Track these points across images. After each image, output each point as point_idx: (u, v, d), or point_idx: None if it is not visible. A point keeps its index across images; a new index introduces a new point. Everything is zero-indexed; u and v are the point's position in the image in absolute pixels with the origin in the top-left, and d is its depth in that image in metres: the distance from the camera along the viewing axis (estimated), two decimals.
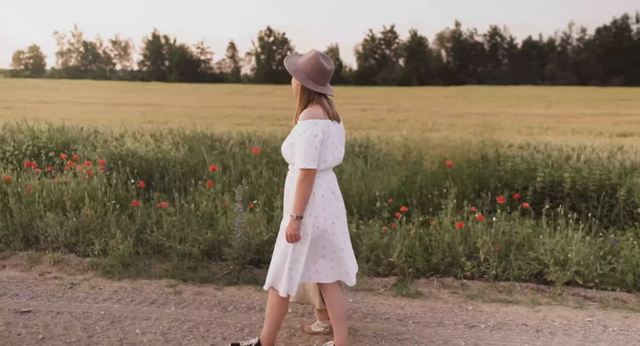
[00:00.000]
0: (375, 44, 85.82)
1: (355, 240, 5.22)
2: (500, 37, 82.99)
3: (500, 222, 4.99)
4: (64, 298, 4.43)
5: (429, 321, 4.03)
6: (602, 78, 73.97)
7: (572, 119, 20.95)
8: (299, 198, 3.15)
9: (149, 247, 5.37)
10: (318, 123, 3.11)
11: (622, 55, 79.29)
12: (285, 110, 22.51)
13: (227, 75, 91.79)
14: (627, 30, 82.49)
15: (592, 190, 5.55)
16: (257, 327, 3.94)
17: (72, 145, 7.90)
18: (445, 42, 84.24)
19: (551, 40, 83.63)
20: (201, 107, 24.49)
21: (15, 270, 5.09)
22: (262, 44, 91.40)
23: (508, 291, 4.59)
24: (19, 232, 5.56)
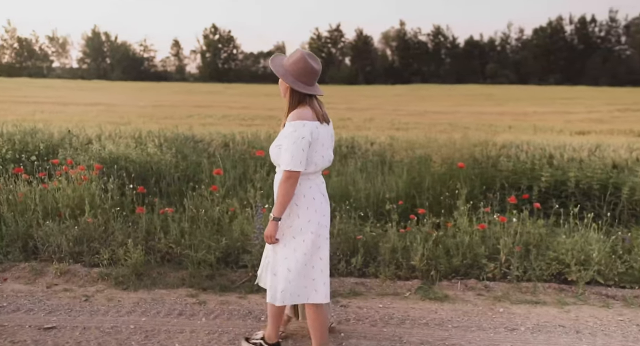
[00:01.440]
0: (321, 42, 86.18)
1: (372, 244, 5.21)
2: (443, 36, 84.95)
3: (519, 222, 5.05)
4: (85, 312, 4.20)
5: (468, 325, 4.03)
6: (540, 76, 76.72)
7: (526, 117, 21.55)
8: (281, 200, 3.11)
9: (158, 255, 5.17)
10: (306, 125, 3.05)
11: (558, 55, 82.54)
12: (245, 110, 22.28)
13: (171, 74, 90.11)
14: (562, 31, 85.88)
15: (596, 189, 5.70)
16: (299, 336, 3.85)
17: (52, 149, 7.55)
18: (390, 41, 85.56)
19: (491, 39, 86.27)
20: (156, 106, 23.88)
21: (19, 282, 4.80)
22: (208, 42, 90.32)
23: (532, 292, 4.65)
24: (17, 242, 5.25)
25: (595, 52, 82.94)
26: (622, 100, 31.57)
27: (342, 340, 3.81)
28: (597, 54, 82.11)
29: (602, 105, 27.79)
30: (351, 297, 4.57)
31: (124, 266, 4.90)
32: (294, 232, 3.22)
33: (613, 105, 27.54)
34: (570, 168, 5.96)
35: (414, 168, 6.36)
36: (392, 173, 6.77)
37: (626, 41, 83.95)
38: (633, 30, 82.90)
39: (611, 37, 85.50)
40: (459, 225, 5.24)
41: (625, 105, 27.47)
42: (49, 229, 5.26)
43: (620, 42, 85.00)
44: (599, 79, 72.65)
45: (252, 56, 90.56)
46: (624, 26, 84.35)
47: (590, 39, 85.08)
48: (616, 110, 25.09)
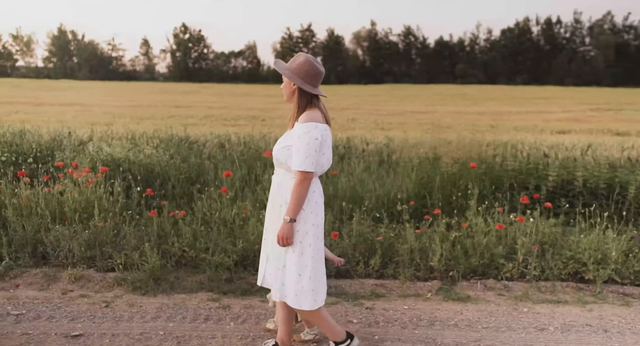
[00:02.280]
0: (293, 42, 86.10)
1: (387, 245, 5.21)
2: (414, 36, 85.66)
3: (536, 222, 5.11)
4: (108, 319, 4.11)
5: (497, 326, 4.06)
6: (508, 76, 77.90)
7: (503, 117, 21.87)
8: (296, 202, 3.13)
9: (173, 259, 5.09)
10: (318, 127, 3.11)
11: (525, 55, 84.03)
12: (225, 110, 22.11)
13: (141, 73, 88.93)
14: (529, 31, 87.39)
15: (603, 188, 5.80)
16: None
17: (47, 150, 7.37)
18: (362, 41, 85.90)
19: (461, 40, 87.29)
20: (134, 106, 23.54)
21: (32, 289, 4.68)
22: (178, 41, 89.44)
23: (551, 291, 4.71)
24: (26, 247, 5.11)
25: (561, 52, 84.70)
26: (593, 100, 32.28)
27: (377, 342, 3.80)
28: (562, 55, 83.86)
29: (574, 105, 28.36)
30: (374, 299, 4.57)
31: (141, 271, 4.81)
32: (301, 236, 3.23)
33: (585, 105, 28.14)
34: (577, 168, 6.05)
35: (423, 168, 6.38)
36: (396, 173, 6.79)
37: (590, 42, 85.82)
38: (596, 31, 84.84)
39: (576, 38, 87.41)
40: (473, 225, 5.27)
41: (597, 105, 28.10)
42: (59, 234, 5.13)
43: (584, 43, 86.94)
44: (564, 79, 74.23)
45: (223, 55, 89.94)
46: (588, 28, 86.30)
47: (556, 39, 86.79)
48: (589, 109, 25.65)
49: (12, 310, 4.20)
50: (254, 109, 22.97)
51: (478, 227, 5.18)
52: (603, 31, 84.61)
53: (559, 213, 5.60)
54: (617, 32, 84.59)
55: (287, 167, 3.22)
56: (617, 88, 59.48)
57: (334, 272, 4.94)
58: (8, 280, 4.80)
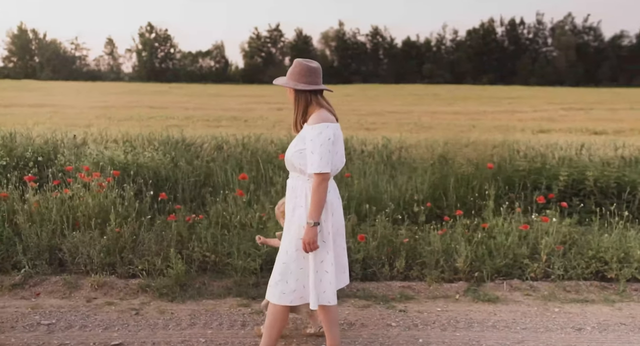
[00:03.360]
0: (261, 42, 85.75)
1: (409, 246, 5.22)
2: (382, 37, 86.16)
3: (557, 222, 5.19)
4: (144, 327, 4.02)
5: (535, 327, 4.10)
6: (474, 76, 79.00)
7: (479, 116, 22.16)
8: (317, 204, 3.11)
9: (195, 264, 5.00)
10: (329, 127, 3.11)
11: (490, 56, 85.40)
12: (202, 111, 21.87)
13: (105, 73, 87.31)
14: (494, 32, 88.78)
15: (613, 187, 5.92)
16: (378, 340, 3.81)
17: (44, 154, 7.16)
18: (330, 41, 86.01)
19: (427, 40, 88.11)
20: (108, 107, 23.09)
21: (54, 297, 4.54)
22: (144, 41, 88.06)
23: (576, 291, 4.78)
24: (43, 255, 4.95)
25: (525, 53, 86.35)
26: (561, 100, 32.97)
27: (424, 345, 3.80)
28: (526, 55, 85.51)
29: (544, 105, 28.91)
30: (404, 301, 4.57)
31: (166, 277, 4.72)
32: (324, 237, 3.22)
33: (555, 105, 28.71)
34: (588, 168, 6.17)
35: (437, 169, 6.42)
36: (405, 174, 6.81)
37: (552, 43, 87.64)
38: (558, 32, 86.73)
39: (539, 39, 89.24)
40: (493, 225, 5.32)
41: (567, 105, 28.70)
42: (76, 240, 4.99)
43: (547, 44, 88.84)
44: (528, 78, 75.67)
45: (190, 55, 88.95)
46: (550, 29, 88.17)
47: (519, 40, 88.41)
48: (560, 109, 26.18)
49: (42, 320, 4.08)
50: (231, 110, 22.79)
51: (499, 228, 5.22)
52: (564, 32, 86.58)
53: (572, 213, 5.68)
54: (578, 33, 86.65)
55: (301, 170, 3.20)
56: (579, 88, 61.03)
57: (360, 275, 4.93)
58: (28, 288, 4.66)
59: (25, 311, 4.25)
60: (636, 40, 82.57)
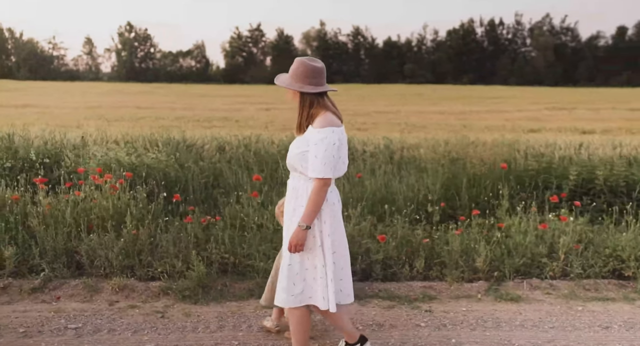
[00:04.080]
0: (242, 41, 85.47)
1: (427, 246, 5.25)
2: (363, 37, 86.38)
3: (577, 221, 5.25)
4: (173, 330, 3.99)
5: (563, 326, 4.13)
6: (454, 76, 79.57)
7: (466, 116, 22.36)
8: (313, 208, 3.08)
9: (215, 266, 4.96)
10: (335, 131, 3.06)
11: (470, 56, 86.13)
12: (190, 112, 21.72)
13: (84, 73, 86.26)
14: (473, 32, 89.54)
15: (622, 186, 6.02)
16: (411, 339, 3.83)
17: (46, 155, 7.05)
18: (311, 41, 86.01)
19: (408, 40, 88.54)
20: (94, 107, 22.84)
21: (75, 300, 4.48)
22: (123, 40, 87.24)
23: (595, 289, 4.83)
24: (60, 258, 4.88)
25: (504, 53, 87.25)
26: (544, 99, 33.37)
27: (457, 345, 3.82)
28: (505, 55, 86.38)
29: (528, 105, 29.25)
30: (428, 301, 4.59)
31: (187, 279, 4.68)
32: (323, 237, 3.19)
33: (539, 104, 29.06)
34: (597, 167, 6.26)
35: (448, 169, 6.46)
36: (408, 174, 6.84)
37: (531, 43, 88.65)
38: (536, 33, 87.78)
39: (517, 39, 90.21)
40: (510, 225, 5.37)
41: (550, 104, 29.06)
42: (94, 242, 4.93)
43: (525, 44, 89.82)
44: (508, 78, 76.44)
45: (171, 55, 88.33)
46: (528, 29, 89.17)
47: (499, 40, 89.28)
48: (544, 108, 26.52)
49: (69, 324, 4.03)
50: (219, 110, 22.68)
51: (516, 227, 5.27)
52: (542, 33, 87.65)
53: (583, 212, 5.76)
54: (555, 34, 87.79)
55: (302, 172, 3.17)
56: (558, 87, 61.86)
57: (380, 276, 4.95)
58: (47, 292, 4.59)
59: (48, 315, 4.19)
60: (612, 40, 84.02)
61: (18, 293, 4.54)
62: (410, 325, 4.13)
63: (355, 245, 5.05)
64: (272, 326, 3.92)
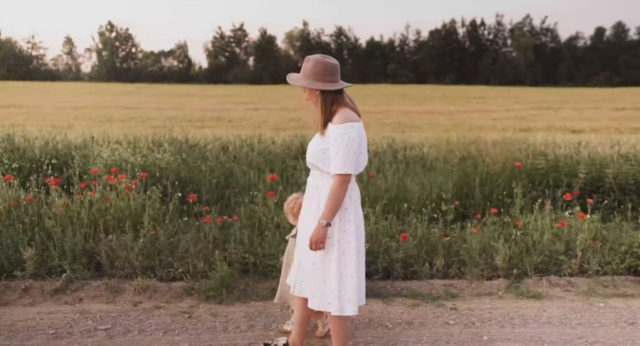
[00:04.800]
0: (225, 41, 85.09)
1: (445, 244, 5.29)
2: (346, 37, 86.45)
3: (592, 218, 5.32)
4: (203, 330, 3.97)
5: (590, 322, 4.19)
6: (436, 76, 79.94)
7: (454, 116, 22.48)
8: (334, 205, 3.09)
9: (235, 266, 4.95)
10: (354, 127, 3.09)
11: (452, 56, 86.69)
12: (179, 111, 21.59)
13: (64, 73, 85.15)
14: (455, 33, 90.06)
15: (631, 183, 6.11)
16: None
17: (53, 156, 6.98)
18: (294, 41, 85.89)
19: (391, 41, 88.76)
20: (80, 108, 22.56)
21: (98, 301, 4.45)
22: (104, 40, 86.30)
23: (613, 286, 4.90)
24: (80, 259, 4.83)
25: (485, 53, 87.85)
26: (527, 99, 33.67)
27: (487, 343, 3.86)
28: (487, 56, 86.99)
29: (513, 104, 29.50)
30: (451, 299, 4.63)
31: (211, 279, 4.66)
32: (349, 237, 3.19)
33: (524, 104, 29.33)
34: (607, 165, 6.35)
35: (459, 168, 6.51)
36: (415, 174, 6.88)
37: (511, 44, 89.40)
38: (517, 33, 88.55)
39: (498, 40, 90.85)
40: (526, 223, 5.43)
41: (535, 104, 29.34)
42: (113, 243, 4.89)
43: (506, 45, 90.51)
44: (489, 78, 77.02)
45: (153, 55, 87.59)
46: (509, 30, 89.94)
47: (480, 41, 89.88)
48: (530, 108, 26.76)
49: (98, 325, 3.99)
50: (208, 110, 22.54)
51: (533, 225, 5.33)
52: (523, 33, 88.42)
53: (594, 210, 5.83)
54: (536, 35, 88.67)
55: (324, 170, 3.19)
56: (539, 87, 62.53)
57: (401, 274, 4.97)
58: (69, 293, 4.55)
59: (74, 316, 4.15)
60: (590, 41, 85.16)
61: (40, 295, 4.49)
62: (439, 323, 4.16)
63: (375, 244, 5.08)
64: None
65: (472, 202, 6.05)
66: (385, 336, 3.91)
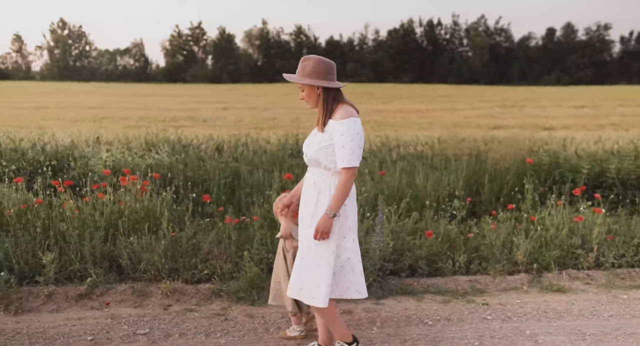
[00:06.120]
0: (182, 40, 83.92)
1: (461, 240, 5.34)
2: (305, 36, 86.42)
3: (609, 213, 5.46)
4: (246, 332, 3.91)
5: (620, 314, 4.29)
6: (395, 75, 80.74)
7: (424, 114, 22.72)
8: (341, 198, 3.15)
9: (264, 266, 4.87)
10: (357, 122, 3.17)
11: (410, 55, 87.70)
12: (146, 111, 21.17)
13: (14, 71, 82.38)
14: (413, 32, 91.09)
15: (633, 178, 6.31)
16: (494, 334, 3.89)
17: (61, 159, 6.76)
18: (254, 40, 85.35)
19: (350, 40, 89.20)
20: (42, 108, 21.90)
21: (125, 306, 4.32)
22: (56, 38, 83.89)
23: (630, 278, 5.04)
24: (102, 262, 4.67)
25: (442, 52, 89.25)
26: (492, 98, 34.27)
27: (530, 337, 3.90)
28: (444, 55, 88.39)
29: (478, 103, 30.03)
30: (479, 295, 4.67)
31: (237, 280, 4.59)
32: (344, 231, 3.28)
33: (488, 102, 29.87)
34: (611, 161, 6.53)
35: (467, 164, 6.59)
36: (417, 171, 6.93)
37: (467, 43, 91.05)
38: (472, 33, 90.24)
39: (455, 39, 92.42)
40: (541, 218, 5.53)
41: (499, 102, 29.94)
42: (135, 246, 4.75)
43: (462, 45, 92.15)
44: (447, 77, 78.29)
45: (108, 53, 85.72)
46: (465, 30, 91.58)
47: (437, 40, 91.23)
48: (496, 106, 27.31)
49: (137, 330, 3.88)
50: (177, 110, 22.19)
51: (550, 220, 5.43)
52: (478, 33, 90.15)
53: (598, 204, 5.98)
54: (490, 34, 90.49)
55: (326, 167, 3.21)
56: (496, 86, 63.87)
57: (426, 271, 4.99)
58: (95, 298, 4.41)
59: (106, 321, 4.03)
60: (542, 41, 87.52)
61: (64, 300, 4.34)
62: (477, 319, 4.19)
63: (399, 242, 5.09)
64: (298, 334, 3.83)
65: (481, 199, 6.12)
66: (430, 334, 3.92)
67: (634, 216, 5.88)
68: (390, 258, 4.91)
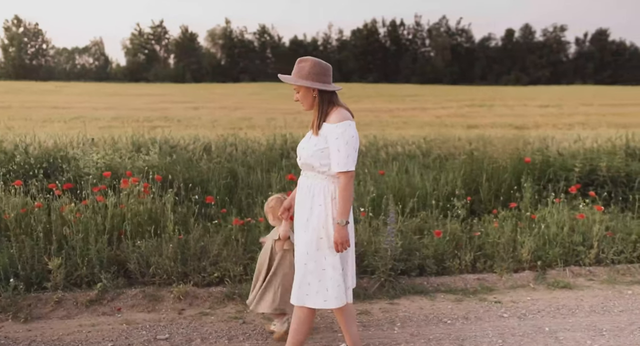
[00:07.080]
0: (144, 38, 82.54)
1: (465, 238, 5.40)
2: (269, 35, 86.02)
3: (609, 211, 5.59)
4: (268, 336, 3.87)
5: (631, 309, 4.40)
6: (360, 75, 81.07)
7: (396, 113, 22.88)
8: (347, 203, 3.12)
9: None
10: (351, 125, 3.16)
11: (374, 55, 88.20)
12: (117, 111, 20.76)
13: None
14: (376, 33, 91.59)
15: (623, 176, 6.47)
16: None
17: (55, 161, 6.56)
18: (217, 39, 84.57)
19: (314, 39, 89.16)
20: (5, 108, 21.24)
21: (138, 310, 4.24)
22: (10, 35, 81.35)
23: (630, 274, 5.17)
24: (110, 267, 4.55)
25: (406, 53, 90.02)
26: (458, 97, 34.68)
27: (550, 333, 3.96)
28: (407, 55, 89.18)
29: (446, 102, 30.40)
30: (489, 293, 4.74)
31: (250, 283, 4.51)
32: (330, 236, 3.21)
33: (457, 102, 30.24)
34: (601, 159, 6.68)
35: (463, 164, 6.65)
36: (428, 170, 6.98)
37: (429, 44, 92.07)
38: (434, 34, 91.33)
39: (417, 40, 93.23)
40: (542, 217, 5.62)
41: (467, 101, 30.34)
42: (143, 250, 4.65)
43: (425, 45, 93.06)
44: (410, 77, 79.06)
45: (66, 52, 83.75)
46: (427, 30, 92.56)
47: (400, 40, 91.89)
48: (464, 105, 27.69)
49: (157, 335, 3.80)
50: (146, 110, 21.80)
51: (551, 218, 5.52)
52: (440, 34, 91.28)
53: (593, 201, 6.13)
54: (452, 35, 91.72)
55: (319, 170, 3.18)
56: (459, 86, 64.86)
57: (434, 270, 5.02)
58: (106, 303, 4.31)
59: (122, 327, 3.94)
60: (501, 42, 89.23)
61: (74, 307, 4.23)
62: (494, 316, 4.24)
63: (407, 241, 5.11)
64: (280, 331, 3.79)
65: (480, 197, 6.20)
66: (452, 333, 3.94)
67: (627, 213, 6.03)
68: (400, 258, 4.92)
